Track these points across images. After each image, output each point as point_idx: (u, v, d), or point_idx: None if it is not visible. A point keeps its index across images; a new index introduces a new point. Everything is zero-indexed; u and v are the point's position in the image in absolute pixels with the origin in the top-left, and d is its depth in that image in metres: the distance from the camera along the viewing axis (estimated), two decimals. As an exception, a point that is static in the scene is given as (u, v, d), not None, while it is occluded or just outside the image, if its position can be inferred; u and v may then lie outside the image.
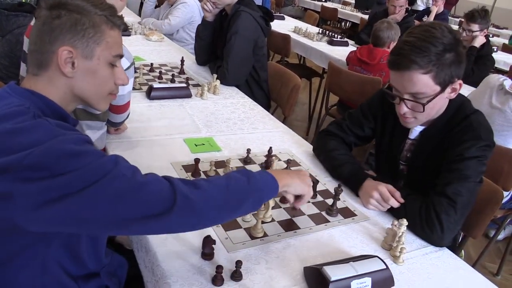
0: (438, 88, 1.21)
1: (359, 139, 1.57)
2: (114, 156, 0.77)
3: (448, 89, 1.23)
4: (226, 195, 0.83)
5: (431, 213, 1.20)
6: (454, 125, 1.27)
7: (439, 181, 1.24)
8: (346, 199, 1.36)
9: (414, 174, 1.41)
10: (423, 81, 1.19)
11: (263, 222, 1.16)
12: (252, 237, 1.11)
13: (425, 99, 1.22)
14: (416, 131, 1.38)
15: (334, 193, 1.28)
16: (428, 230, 1.19)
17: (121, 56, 0.92)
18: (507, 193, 2.10)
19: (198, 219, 0.79)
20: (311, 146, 1.73)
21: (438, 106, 1.27)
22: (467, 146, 1.22)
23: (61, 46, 0.84)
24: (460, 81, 1.24)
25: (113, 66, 0.92)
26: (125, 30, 0.95)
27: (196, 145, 1.56)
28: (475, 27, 3.15)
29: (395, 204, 1.27)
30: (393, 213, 1.30)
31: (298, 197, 1.06)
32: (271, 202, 1.12)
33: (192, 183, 0.82)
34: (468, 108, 1.29)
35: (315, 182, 1.34)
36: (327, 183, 1.44)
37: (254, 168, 1.46)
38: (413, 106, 1.25)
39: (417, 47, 1.17)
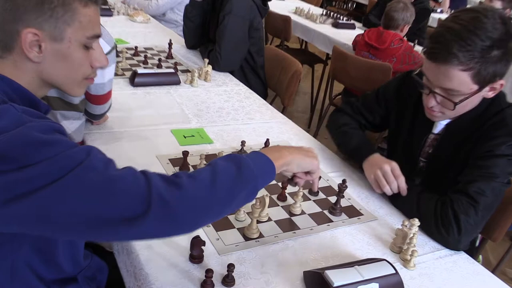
0: (475, 87, 1.16)
1: (368, 124, 1.57)
2: (87, 147, 0.75)
3: (487, 88, 1.18)
4: (212, 193, 0.77)
5: (448, 212, 1.18)
6: (486, 119, 1.24)
7: (462, 178, 1.22)
8: (351, 197, 1.36)
9: (434, 172, 1.38)
10: (460, 79, 1.14)
11: (258, 222, 1.16)
12: (247, 238, 1.11)
13: (458, 97, 1.18)
14: (441, 124, 1.35)
15: (337, 190, 1.27)
16: (444, 231, 1.18)
17: (98, 36, 0.90)
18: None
19: (177, 226, 0.74)
20: (313, 139, 1.73)
21: (470, 105, 1.23)
22: (498, 142, 1.19)
23: (25, 28, 0.80)
24: (502, 81, 1.17)
25: (88, 48, 0.89)
26: (104, 4, 0.93)
27: (185, 137, 1.56)
28: (497, 4, 3.14)
29: (395, 189, 1.28)
30: (404, 211, 1.30)
31: (307, 174, 1.02)
32: (267, 200, 1.11)
33: (173, 182, 0.76)
34: (503, 101, 1.25)
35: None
36: (330, 179, 1.44)
37: (250, 162, 1.46)
38: (443, 101, 1.22)
39: (461, 38, 1.10)
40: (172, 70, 2.03)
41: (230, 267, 0.94)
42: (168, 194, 0.73)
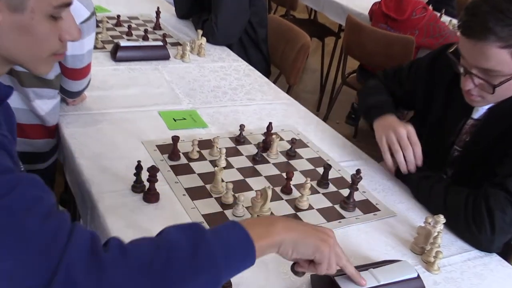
0: None
1: (396, 98, 1.56)
2: (18, 178, 0.67)
3: None
4: (145, 282, 0.65)
5: (481, 207, 1.16)
6: None
7: (501, 170, 1.19)
8: (366, 190, 1.35)
9: (471, 164, 1.35)
10: (500, 57, 1.12)
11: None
12: (246, 237, 1.10)
13: (498, 78, 1.16)
14: (482, 108, 1.32)
15: (351, 182, 1.26)
16: (475, 229, 1.17)
17: (67, 4, 0.86)
18: None
19: None
20: (323, 123, 1.71)
21: None
22: None
23: None
24: None
25: (56, 18, 0.86)
26: None
27: (175, 120, 1.55)
28: None
29: (410, 158, 1.29)
30: (428, 206, 1.30)
31: (311, 263, 0.85)
32: (270, 192, 1.10)
33: (96, 259, 0.65)
34: None
35: (327, 167, 1.32)
36: (342, 169, 1.43)
37: (249, 150, 1.45)
38: (482, 84, 1.20)
39: (500, 10, 1.07)
40: (160, 43, 2.01)
41: (226, 270, 0.93)
42: (81, 277, 0.63)
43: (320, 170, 1.37)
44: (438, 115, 1.43)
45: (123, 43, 1.92)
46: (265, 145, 1.46)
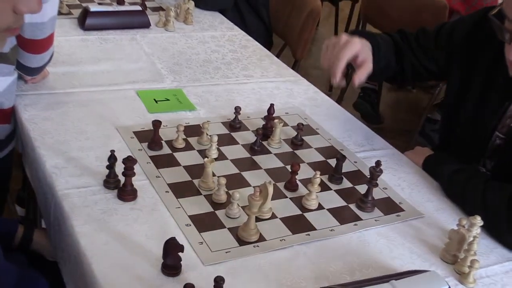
0: None
1: (413, 69, 1.55)
2: None
3: None
4: None
5: None
6: None
7: None
8: (388, 186, 1.35)
9: None
10: None
11: (258, 219, 1.16)
12: (242, 242, 1.11)
13: None
14: None
15: (369, 176, 1.26)
16: None
17: None
18: None
19: None
20: (336, 106, 1.71)
21: None
22: None
23: None
24: None
25: None
26: None
27: (156, 101, 1.55)
28: None
29: (337, 66, 1.32)
30: (463, 205, 1.30)
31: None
32: (271, 189, 1.11)
33: None
34: None
35: (340, 158, 1.33)
36: (359, 161, 1.43)
37: (246, 138, 1.45)
38: None
39: None
40: (138, 8, 2.01)
41: (219, 281, 0.94)
42: None
43: (333, 162, 1.37)
44: (476, 94, 1.43)
45: (93, 7, 1.91)
46: (266, 132, 1.46)
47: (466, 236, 1.13)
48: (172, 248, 0.99)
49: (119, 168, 1.18)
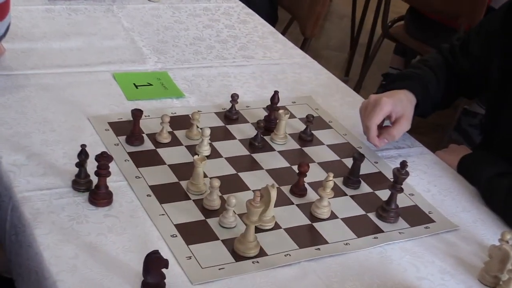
0: None
1: (462, 74, 1.58)
2: None
3: None
4: None
5: None
6: None
7: None
8: (415, 192, 1.36)
9: None
10: None
11: (258, 230, 1.15)
12: (238, 257, 1.11)
13: None
14: None
15: (393, 179, 1.26)
16: None
17: None
18: None
19: None
20: (354, 94, 1.71)
21: None
22: None
23: None
24: None
25: None
26: None
27: (136, 87, 1.55)
28: None
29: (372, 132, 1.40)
30: (505, 216, 1.30)
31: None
32: (274, 193, 1.11)
33: None
34: None
35: (358, 158, 1.33)
36: (381, 161, 1.43)
37: (244, 131, 1.45)
38: None
39: None
40: (115, -27, 2.00)
41: (210, 304, 0.94)
42: None
43: (349, 162, 1.37)
44: None
45: (60, -29, 1.91)
46: (268, 125, 1.46)
47: (510, 253, 1.13)
48: (154, 264, 0.98)
49: (91, 166, 1.17)
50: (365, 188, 1.34)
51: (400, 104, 1.43)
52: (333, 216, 1.24)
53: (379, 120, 1.41)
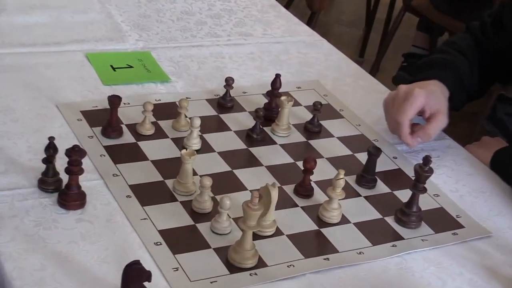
0: None
1: (497, 52, 1.59)
2: None
3: None
4: None
5: None
6: None
7: None
8: (441, 192, 1.36)
9: None
10: None
11: (257, 237, 1.15)
12: (233, 268, 1.11)
13: None
14: None
15: (414, 177, 1.27)
16: None
17: None
18: None
19: None
20: (370, 78, 1.71)
21: None
22: None
23: None
24: None
25: None
26: None
27: (114, 69, 1.56)
28: None
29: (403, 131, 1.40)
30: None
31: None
32: (276, 193, 1.11)
33: None
34: None
35: (374, 152, 1.33)
36: (400, 156, 1.44)
37: (240, 121, 1.46)
38: None
39: None
40: None
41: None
42: None
43: (363, 157, 1.38)
44: None
45: None
46: (269, 114, 1.46)
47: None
48: (135, 276, 0.97)
49: (61, 162, 1.18)
50: (382, 187, 1.35)
51: (433, 97, 1.43)
52: (344, 220, 1.25)
53: (413, 115, 1.41)
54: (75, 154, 1.15)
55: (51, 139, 1.18)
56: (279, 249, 1.16)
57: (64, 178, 1.18)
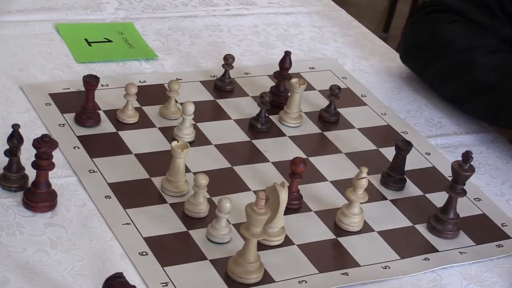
0: None
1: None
2: None
3: None
4: None
5: None
6: None
7: None
8: (484, 196, 1.37)
9: None
10: None
11: (262, 247, 1.16)
12: (233, 283, 1.11)
13: None
14: None
15: (452, 178, 1.27)
16: None
17: None
18: None
19: None
20: (396, 56, 1.71)
21: None
22: None
23: None
24: None
25: None
26: None
27: (89, 44, 1.57)
28: None
29: None
30: None
31: None
32: (285, 195, 1.12)
33: None
34: None
35: (403, 147, 1.33)
36: (434, 151, 1.45)
37: (242, 108, 1.47)
38: None
39: None
40: None
41: None
42: None
43: (389, 152, 1.39)
44: None
45: None
46: (277, 99, 1.47)
47: None
48: (117, 290, 1.01)
49: (27, 155, 1.19)
50: (412, 189, 1.35)
51: None
52: (367, 228, 1.25)
53: None
54: (45, 145, 1.14)
55: (15, 127, 1.18)
56: (289, 262, 1.17)
57: (31, 174, 1.18)
